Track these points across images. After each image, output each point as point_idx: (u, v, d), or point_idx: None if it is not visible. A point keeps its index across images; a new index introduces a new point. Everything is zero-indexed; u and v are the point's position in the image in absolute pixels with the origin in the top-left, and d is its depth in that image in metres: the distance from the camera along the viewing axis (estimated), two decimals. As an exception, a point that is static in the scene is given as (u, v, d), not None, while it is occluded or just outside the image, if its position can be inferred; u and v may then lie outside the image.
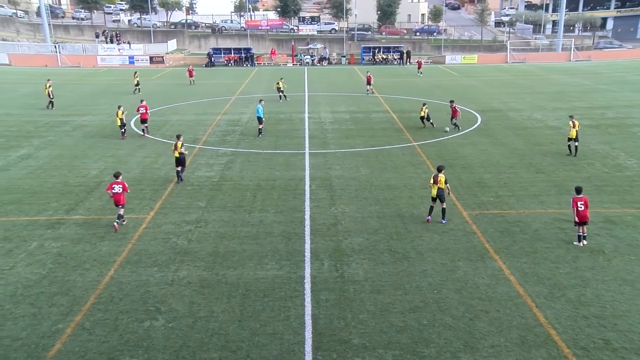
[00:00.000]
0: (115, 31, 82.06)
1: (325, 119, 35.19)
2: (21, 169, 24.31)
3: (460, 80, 55.94)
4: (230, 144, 28.89)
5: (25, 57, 67.95)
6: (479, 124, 33.78)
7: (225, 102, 41.58)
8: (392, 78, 57.10)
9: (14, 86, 49.55)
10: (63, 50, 69.61)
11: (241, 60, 71.11)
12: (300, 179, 22.72)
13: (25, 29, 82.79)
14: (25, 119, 35.14)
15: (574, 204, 16.24)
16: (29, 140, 29.59)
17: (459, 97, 43.98)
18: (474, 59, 73.48)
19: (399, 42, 78.67)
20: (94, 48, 72.29)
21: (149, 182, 22.30)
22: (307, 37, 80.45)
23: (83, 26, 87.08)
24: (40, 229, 17.60)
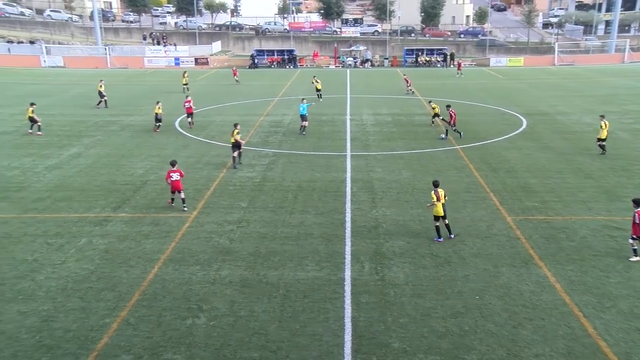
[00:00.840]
0: (162, 33, 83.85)
1: (367, 121, 35.11)
2: (72, 167, 25.09)
3: (505, 83, 54.94)
4: (273, 145, 29.12)
5: (78, 59, 70.09)
6: (525, 127, 33.10)
7: (267, 104, 41.95)
8: (435, 80, 56.51)
9: (67, 87, 51.19)
10: (112, 52, 71.53)
11: (284, 61, 71.59)
12: (342, 181, 22.72)
13: (79, 32, 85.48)
14: (77, 118, 36.26)
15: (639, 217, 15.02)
16: (79, 139, 30.51)
17: (503, 100, 43.20)
18: (520, 62, 72.05)
19: (442, 44, 77.81)
20: (141, 50, 74.02)
21: (192, 182, 22.68)
22: (349, 39, 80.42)
23: (132, 29, 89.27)
24: (89, 226, 18.12)
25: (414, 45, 78.42)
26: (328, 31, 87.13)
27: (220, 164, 25.25)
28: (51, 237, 17.21)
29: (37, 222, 18.44)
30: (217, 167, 24.78)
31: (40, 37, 78.98)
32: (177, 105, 38.81)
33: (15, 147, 28.62)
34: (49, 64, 68.77)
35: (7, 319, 12.78)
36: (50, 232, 17.63)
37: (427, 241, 16.85)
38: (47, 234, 17.44)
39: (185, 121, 34.31)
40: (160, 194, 21.18)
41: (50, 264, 15.46)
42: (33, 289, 14.10)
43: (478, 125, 33.73)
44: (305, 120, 31.32)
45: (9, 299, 13.66)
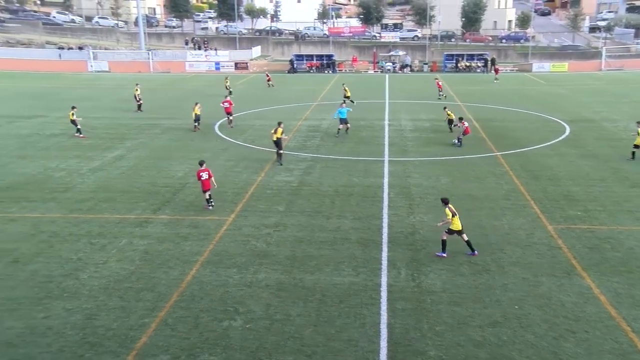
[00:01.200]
0: (203, 38, 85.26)
1: (405, 127, 34.90)
2: (115, 169, 25.72)
3: (548, 88, 53.82)
4: (310, 149, 29.23)
5: (122, 64, 71.84)
6: (568, 134, 32.35)
7: (306, 108, 42.15)
8: (476, 86, 55.79)
9: (112, 91, 52.53)
10: (155, 57, 73.07)
11: (323, 66, 71.83)
12: (379, 186, 22.63)
13: (124, 37, 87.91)
14: (121, 121, 37.17)
15: None
16: (122, 142, 31.26)
17: (546, 106, 42.32)
18: (564, 67, 70.43)
19: (483, 50, 76.75)
20: (183, 54, 75.39)
21: (231, 185, 22.95)
22: (389, 44, 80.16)
23: (174, 34, 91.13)
24: (130, 227, 18.53)
25: (454, 50, 77.60)
26: (367, 36, 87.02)
27: (258, 168, 25.49)
28: (94, 237, 17.67)
29: (81, 222, 18.96)
30: (256, 171, 25.02)
31: (88, 43, 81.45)
32: (216, 109, 39.28)
33: (62, 149, 29.52)
34: (95, 69, 70.76)
35: (54, 315, 13.19)
36: (94, 232, 18.10)
37: (465, 248, 16.61)
38: (91, 234, 17.91)
39: (225, 125, 34.82)
40: (198, 197, 21.48)
41: (94, 264, 15.87)
42: (77, 287, 14.50)
43: (519, 132, 33.14)
44: (347, 122, 32.05)
45: (55, 296, 14.09)
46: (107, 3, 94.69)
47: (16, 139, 32.02)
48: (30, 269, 15.56)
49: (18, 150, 29.29)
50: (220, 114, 37.09)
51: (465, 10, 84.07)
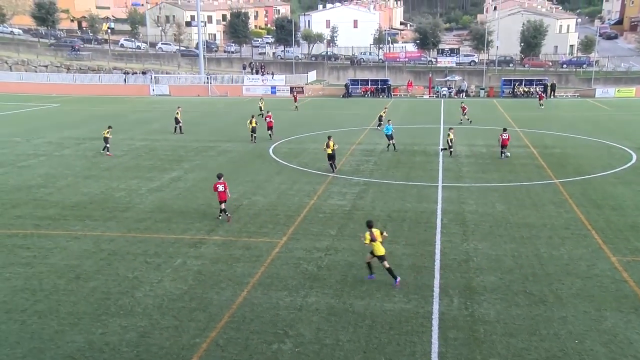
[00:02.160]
0: (261, 63, 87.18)
1: (460, 152, 34.45)
2: (172, 190, 26.46)
3: (612, 114, 52.01)
4: (364, 173, 29.23)
5: (182, 88, 74.29)
6: (635, 162, 31.09)
7: (360, 132, 42.27)
8: (534, 112, 54.56)
9: (172, 114, 53.98)
10: (214, 81, 75.20)
11: (377, 91, 71.99)
12: (432, 212, 22.36)
13: (185, 62, 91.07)
14: (179, 143, 38.29)
15: None
16: (180, 163, 32.17)
17: (610, 132, 40.89)
18: (631, 92, 67.91)
19: (543, 75, 75.11)
20: (241, 79, 77.23)
21: (284, 208, 23.18)
22: (445, 69, 79.67)
23: (233, 59, 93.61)
24: (185, 247, 18.96)
25: (512, 75, 76.30)
26: (423, 61, 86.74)
27: (311, 191, 25.67)
28: (150, 256, 18.16)
29: (138, 241, 19.55)
30: (309, 194, 25.19)
31: (151, 67, 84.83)
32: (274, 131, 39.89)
33: (124, 170, 30.63)
34: (157, 92, 73.39)
35: (111, 331, 13.59)
36: (150, 251, 18.61)
37: (521, 278, 16.14)
38: (147, 253, 18.43)
39: (279, 148, 35.35)
40: (252, 218, 21.81)
41: (149, 282, 16.30)
42: (132, 305, 14.91)
43: (580, 159, 32.12)
44: (392, 138, 34.93)
45: (112, 312, 14.53)
46: (170, 30, 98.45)
47: (83, 159, 33.48)
48: (91, 285, 16.13)
49: (84, 170, 30.60)
50: (276, 137, 37.73)
51: (525, 35, 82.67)
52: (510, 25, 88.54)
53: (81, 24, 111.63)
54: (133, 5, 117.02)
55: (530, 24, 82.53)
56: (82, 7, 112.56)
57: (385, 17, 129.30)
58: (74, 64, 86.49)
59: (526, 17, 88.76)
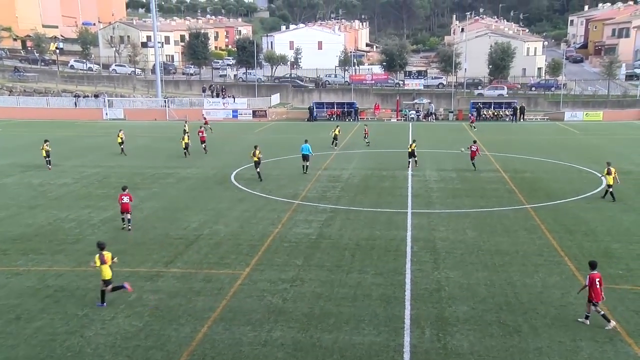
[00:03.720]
0: (222, 85, 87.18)
1: (430, 177, 34.92)
2: (126, 219, 25.99)
3: (582, 138, 53.64)
4: (331, 200, 29.32)
5: (138, 112, 73.57)
6: (604, 186, 32.00)
7: (326, 157, 42.48)
8: (504, 135, 55.86)
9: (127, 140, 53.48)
10: (172, 104, 74.80)
11: (344, 114, 72.71)
12: (402, 240, 22.51)
13: (141, 85, 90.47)
14: (134, 170, 37.79)
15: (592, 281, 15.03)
16: (135, 191, 31.57)
17: (580, 156, 42.10)
18: (599, 116, 70.32)
19: (512, 98, 77.19)
20: (200, 102, 77.01)
21: (247, 237, 23.01)
22: (412, 92, 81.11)
23: (192, 81, 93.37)
24: (140, 281, 18.58)
25: (481, 98, 78.15)
26: (390, 84, 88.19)
27: (276, 219, 25.59)
28: (103, 291, 17.70)
29: (90, 275, 19.06)
30: (273, 223, 25.10)
31: (104, 90, 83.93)
32: (234, 158, 39.90)
33: (74, 199, 30.00)
34: (110, 117, 72.51)
35: (55, 375, 13.11)
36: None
37: (495, 307, 16.31)
38: (99, 288, 17.95)
39: (240, 174, 35.26)
40: (213, 249, 21.58)
41: (100, 320, 15.87)
42: (82, 346, 14.46)
43: (551, 183, 32.92)
44: (308, 160, 36.23)
45: (58, 355, 14.03)
46: (125, 51, 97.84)
47: (28, 188, 32.70)
48: (34, 326, 15.58)
49: (29, 200, 29.86)
50: (240, 162, 37.63)
51: (493, 58, 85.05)
52: (478, 48, 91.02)
53: (26, 43, 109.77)
54: (84, 24, 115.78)
55: (497, 46, 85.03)
56: (26, 25, 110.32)
57: (350, 38, 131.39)
58: (17, 86, 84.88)
59: (494, 39, 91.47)
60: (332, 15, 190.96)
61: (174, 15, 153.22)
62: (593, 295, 15.07)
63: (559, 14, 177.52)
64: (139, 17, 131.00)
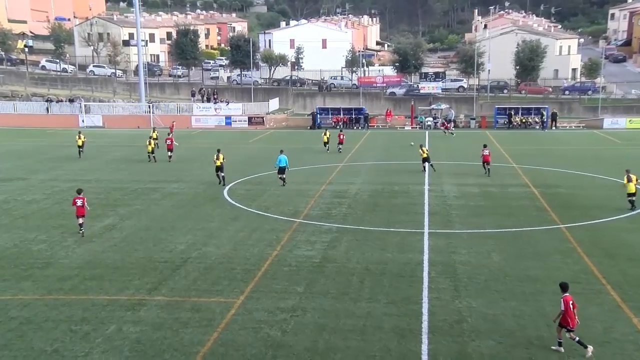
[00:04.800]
0: (213, 89, 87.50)
1: (449, 193, 34.90)
2: (105, 240, 26.03)
3: (624, 149, 53.55)
4: (336, 218, 29.30)
5: (119, 119, 73.82)
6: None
7: (331, 170, 42.53)
8: (533, 145, 55.88)
9: (106, 150, 53.77)
10: (157, 110, 75.04)
11: (351, 121, 72.84)
12: (418, 264, 22.45)
13: (122, 88, 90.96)
14: (114, 185, 37.89)
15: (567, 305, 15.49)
16: (114, 209, 31.75)
17: (622, 169, 41.95)
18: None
19: (542, 103, 77.30)
20: (189, 107, 77.24)
21: (241, 261, 22.99)
22: (429, 96, 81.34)
23: (179, 84, 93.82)
24: (120, 310, 18.54)
25: (507, 102, 78.29)
26: (404, 86, 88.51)
27: (274, 240, 25.58)
28: (76, 323, 17.70)
29: (61, 304, 19.05)
30: (271, 244, 25.08)
31: (80, 94, 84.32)
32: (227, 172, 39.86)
33: (45, 217, 30.06)
34: (87, 124, 72.78)
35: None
36: (76, 317, 18.15)
37: (524, 342, 16.20)
38: (72, 319, 17.95)
39: (234, 190, 35.29)
40: (203, 274, 21.56)
41: (73, 356, 15.82)
42: (52, 383, 14.40)
43: (588, 200, 32.86)
44: (283, 173, 36.90)
45: (24, 395, 13.97)
46: (104, 50, 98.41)
47: (-8, 204, 32.79)
48: (-5, 362, 15.56)
49: (-6, 217, 29.95)
50: (232, 176, 37.73)
51: (520, 57, 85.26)
52: (503, 46, 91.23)
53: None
54: (57, 19, 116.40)
55: (525, 45, 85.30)
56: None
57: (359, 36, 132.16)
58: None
59: (521, 36, 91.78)
60: (338, 10, 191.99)
61: (160, 10, 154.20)
62: (568, 320, 15.37)
63: (597, 7, 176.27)
64: (119, 12, 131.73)
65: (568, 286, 15.92)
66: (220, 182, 36.98)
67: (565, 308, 15.38)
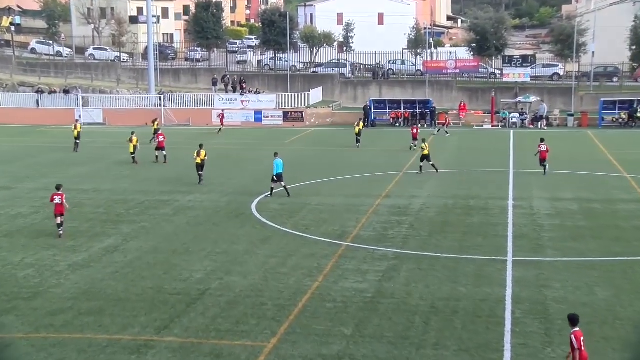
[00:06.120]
0: (240, 76, 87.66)
1: (539, 210, 34.51)
2: (105, 266, 26.38)
3: None
4: (394, 241, 29.21)
5: (123, 114, 74.27)
6: None
7: (388, 180, 42.39)
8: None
9: (107, 153, 54.65)
10: (170, 102, 75.67)
11: (414, 117, 72.44)
12: (498, 301, 22.24)
13: (128, 76, 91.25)
14: (116, 196, 38.44)
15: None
16: (117, 226, 32.20)
17: None
18: None
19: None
20: (210, 100, 77.55)
21: (273, 294, 23.03)
22: (514, 86, 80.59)
23: (198, 70, 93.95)
24: (123, 353, 18.77)
25: (617, 94, 76.95)
26: (482, 74, 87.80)
27: (315, 269, 25.60)
28: (69, 368, 17.97)
29: (51, 345, 19.36)
30: (311, 273, 25.11)
31: (77, 83, 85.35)
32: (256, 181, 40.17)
33: (33, 236, 30.62)
34: (85, 120, 73.48)
35: None
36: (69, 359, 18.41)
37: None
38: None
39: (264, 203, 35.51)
40: (225, 310, 21.68)
41: (65, 407, 16.07)
42: None
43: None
44: (282, 180, 37.21)
45: None
46: (107, 29, 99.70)
47: (-31, 219, 33.63)
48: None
49: (-30, 236, 30.72)
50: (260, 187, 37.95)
51: (638, 35, 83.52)
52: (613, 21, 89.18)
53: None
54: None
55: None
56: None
57: (425, 8, 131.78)
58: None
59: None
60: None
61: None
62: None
63: None
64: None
65: (578, 320, 15.70)
66: (200, 182, 40.79)
67: (578, 346, 15.19)
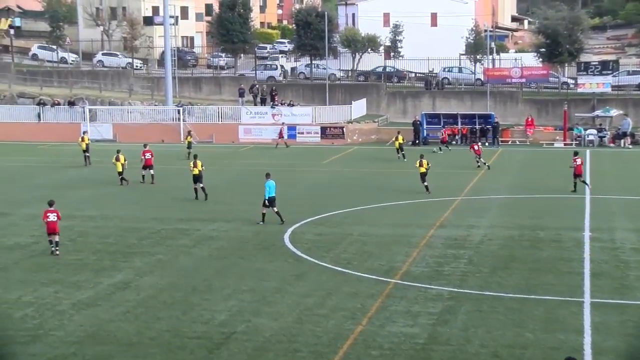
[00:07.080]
0: (271, 86, 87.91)
1: (623, 243, 34.19)
2: (114, 305, 26.57)
3: None
4: (450, 279, 29.13)
5: (135, 129, 74.49)
6: None
7: (443, 207, 42.29)
8: None
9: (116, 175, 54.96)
10: (189, 116, 76.11)
11: (474, 134, 72.08)
12: (575, 350, 21.97)
13: (141, 85, 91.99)
14: (127, 224, 38.74)
15: None
16: (128, 259, 32.43)
17: None
18: None
19: None
20: (236, 113, 77.98)
21: (309, 339, 23.01)
22: (591, 97, 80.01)
23: (222, 78, 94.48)
24: (134, 406, 18.91)
25: None
26: (553, 83, 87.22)
27: (358, 310, 25.56)
28: (73, 422, 18.12)
29: (53, 394, 19.54)
30: (353, 315, 25.07)
31: (84, 94, 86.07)
32: (290, 207, 40.19)
33: (32, 270, 30.93)
34: (93, 136, 74.13)
35: None
36: (73, 413, 18.57)
37: None
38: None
39: (299, 234, 35.54)
40: (252, 357, 21.72)
41: None
42: None
43: None
44: (274, 205, 37.71)
45: None
46: (118, 31, 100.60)
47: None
48: None
49: (-40, 269, 31.13)
50: (295, 214, 38.01)
51: None
52: None
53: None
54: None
55: None
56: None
57: (486, 8, 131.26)
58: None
59: None
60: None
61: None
62: None
63: None
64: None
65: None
66: (196, 197, 43.19)
67: None
